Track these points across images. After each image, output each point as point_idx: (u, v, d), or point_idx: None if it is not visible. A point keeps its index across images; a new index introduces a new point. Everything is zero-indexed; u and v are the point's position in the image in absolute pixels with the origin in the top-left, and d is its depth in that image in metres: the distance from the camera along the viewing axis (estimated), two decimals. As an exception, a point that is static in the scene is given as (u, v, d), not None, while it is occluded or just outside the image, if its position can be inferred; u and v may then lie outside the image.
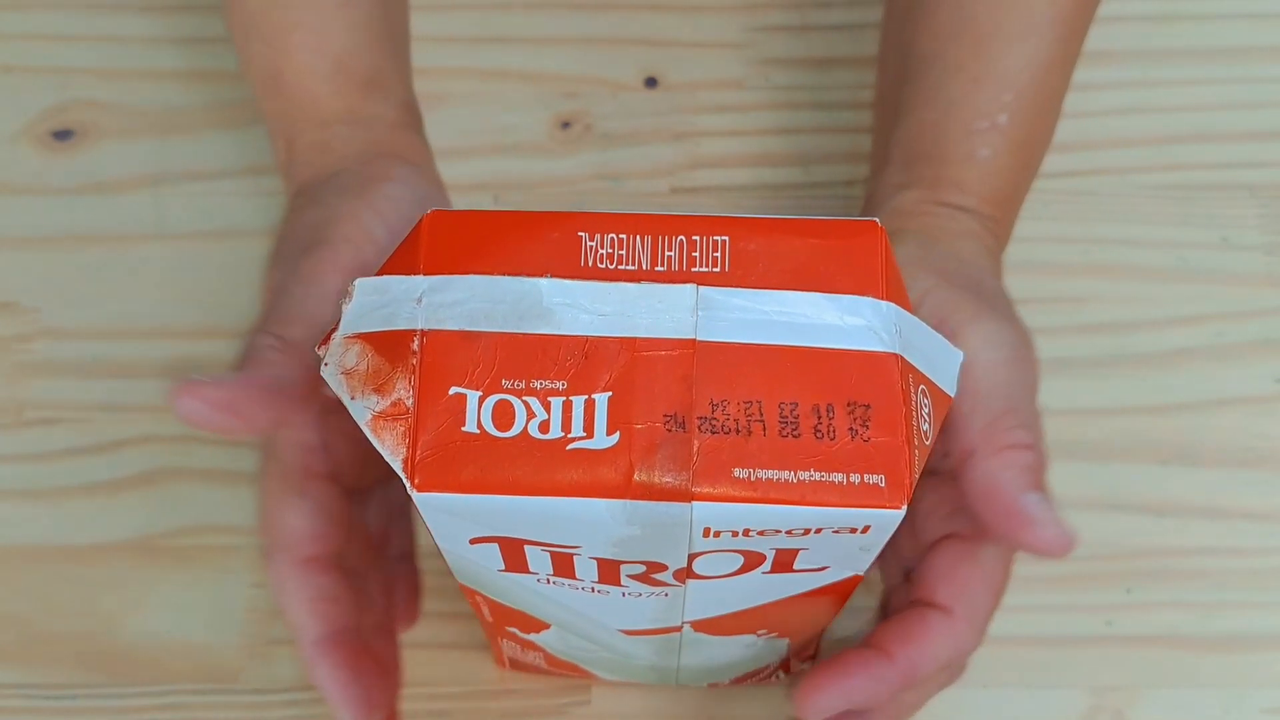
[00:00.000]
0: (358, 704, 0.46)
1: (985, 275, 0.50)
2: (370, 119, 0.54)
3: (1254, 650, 0.56)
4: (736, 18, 0.69)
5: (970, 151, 0.53)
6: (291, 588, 0.46)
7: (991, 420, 0.44)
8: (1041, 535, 0.43)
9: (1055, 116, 0.56)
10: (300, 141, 0.54)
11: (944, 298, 0.47)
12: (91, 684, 0.56)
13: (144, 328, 0.62)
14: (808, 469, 0.35)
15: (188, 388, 0.42)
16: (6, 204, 0.65)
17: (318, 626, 0.46)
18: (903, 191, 0.53)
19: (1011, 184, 0.54)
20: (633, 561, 0.39)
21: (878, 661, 0.46)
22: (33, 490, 0.59)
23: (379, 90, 0.55)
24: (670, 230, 0.37)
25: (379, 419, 0.36)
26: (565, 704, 0.56)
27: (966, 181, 0.52)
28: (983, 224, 0.52)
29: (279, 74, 0.54)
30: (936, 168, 0.53)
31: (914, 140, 0.54)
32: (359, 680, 0.47)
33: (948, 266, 0.49)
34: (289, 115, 0.54)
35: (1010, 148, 0.53)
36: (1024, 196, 0.55)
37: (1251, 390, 0.61)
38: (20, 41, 0.69)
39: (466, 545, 0.39)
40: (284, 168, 0.55)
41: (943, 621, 0.47)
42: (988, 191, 0.53)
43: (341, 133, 0.54)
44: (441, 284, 0.37)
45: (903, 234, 0.51)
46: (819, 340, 0.36)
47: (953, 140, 0.53)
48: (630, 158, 0.66)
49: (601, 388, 0.36)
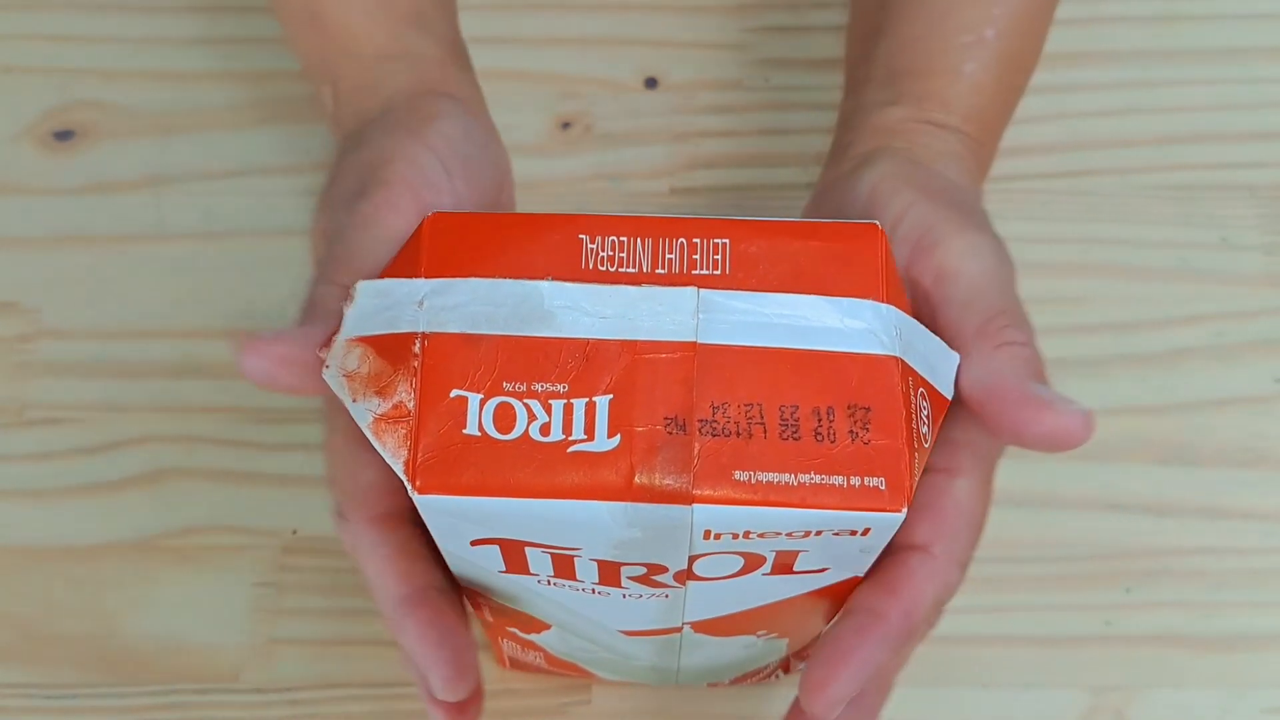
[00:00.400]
0: (451, 665, 0.43)
1: (967, 195, 0.49)
2: (416, 55, 0.52)
3: (1253, 650, 0.56)
4: (736, 18, 0.69)
5: (956, 65, 0.51)
6: (368, 545, 0.43)
7: (983, 323, 0.43)
8: (1059, 419, 0.41)
9: (1042, 38, 0.54)
10: (345, 84, 0.52)
11: (926, 211, 0.45)
12: (91, 684, 0.56)
13: (144, 328, 0.62)
14: (808, 471, 0.35)
15: (251, 344, 0.39)
16: (6, 204, 0.65)
17: (400, 585, 0.43)
18: (886, 108, 0.52)
19: (996, 104, 0.52)
20: (633, 563, 0.39)
21: (873, 626, 0.42)
22: (33, 490, 0.59)
23: (424, 25, 0.53)
24: (671, 233, 0.37)
25: (380, 421, 0.36)
26: (565, 704, 0.56)
27: (951, 98, 0.51)
28: (965, 145, 0.51)
29: (318, 12, 0.53)
30: (922, 82, 0.51)
31: (897, 56, 0.53)
32: (449, 640, 0.43)
33: (931, 184, 0.47)
34: (329, 56, 0.53)
35: (996, 64, 0.52)
36: (1007, 120, 0.54)
37: (1251, 390, 0.61)
38: (20, 41, 0.69)
39: (468, 547, 0.39)
40: (329, 113, 0.53)
41: (924, 563, 0.43)
42: (972, 110, 0.51)
43: (387, 69, 0.52)
44: (443, 287, 0.37)
45: (886, 151, 0.50)
46: (819, 343, 0.36)
47: (937, 55, 0.52)
48: (630, 158, 0.66)
49: (602, 390, 0.36)
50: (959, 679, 0.56)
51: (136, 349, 0.62)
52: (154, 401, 0.61)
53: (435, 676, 0.43)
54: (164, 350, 0.62)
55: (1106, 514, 0.58)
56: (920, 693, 0.56)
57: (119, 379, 0.61)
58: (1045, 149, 0.65)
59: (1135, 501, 0.59)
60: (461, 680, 0.43)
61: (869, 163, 0.49)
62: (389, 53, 0.52)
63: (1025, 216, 0.64)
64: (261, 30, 0.68)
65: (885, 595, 0.42)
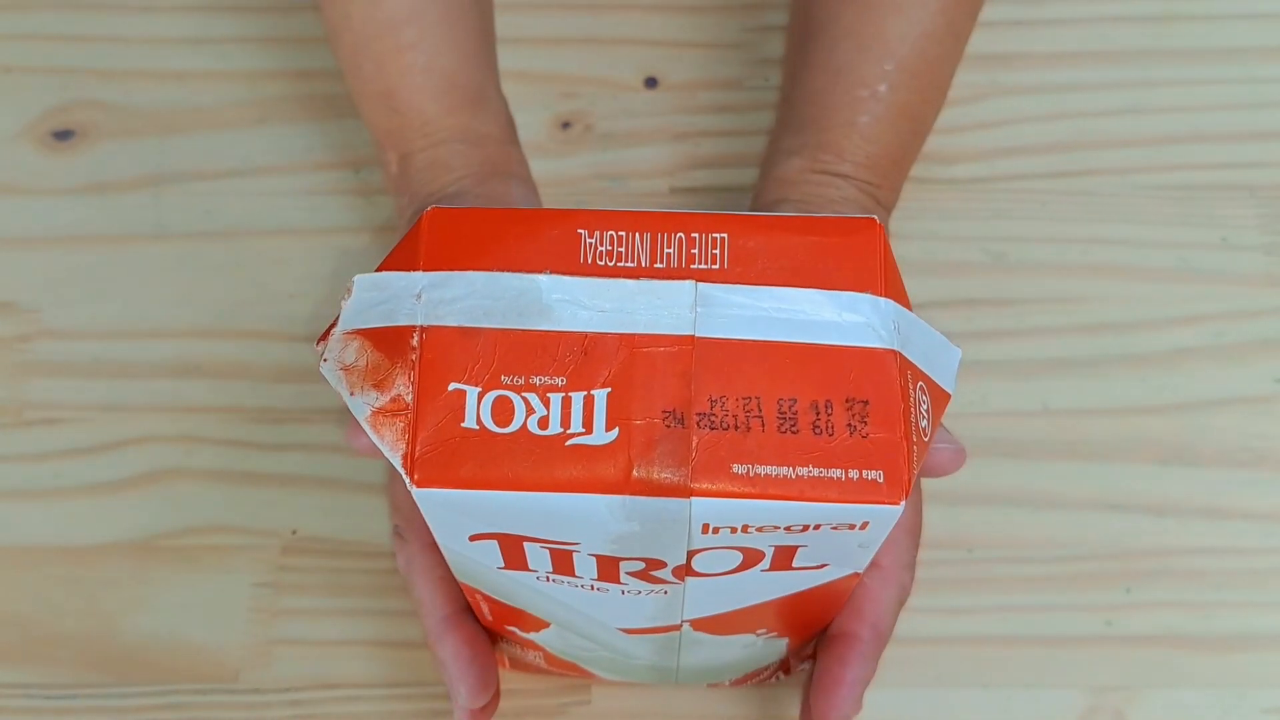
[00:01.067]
0: (477, 683, 0.49)
1: None
2: (482, 136, 0.56)
3: (1253, 650, 0.56)
4: (736, 18, 0.69)
5: (850, 119, 0.55)
6: (421, 567, 0.50)
7: None
8: None
9: (942, 89, 0.57)
10: (417, 159, 0.56)
11: None
12: (91, 684, 0.56)
13: (144, 328, 0.62)
14: (806, 465, 0.35)
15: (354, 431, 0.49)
16: (6, 204, 0.65)
17: (445, 606, 0.50)
18: (789, 158, 0.56)
19: (892, 151, 0.55)
20: (632, 558, 0.39)
21: (852, 648, 0.49)
22: (33, 490, 0.59)
23: (486, 106, 0.57)
24: (669, 227, 0.37)
25: (378, 415, 0.36)
26: (565, 704, 0.56)
27: (845, 148, 0.54)
28: (861, 189, 0.54)
29: (392, 94, 0.56)
30: (819, 134, 0.55)
31: (802, 106, 0.56)
32: (478, 659, 0.50)
33: None
34: (402, 133, 0.56)
35: (890, 116, 0.55)
36: (909, 164, 0.57)
37: (1251, 390, 0.61)
38: (20, 41, 0.69)
39: (466, 542, 0.39)
40: (395, 181, 0.57)
41: (877, 578, 0.49)
42: (865, 158, 0.54)
43: (457, 150, 0.55)
44: (441, 280, 0.37)
45: (784, 204, 0.54)
46: (817, 337, 0.36)
47: (835, 108, 0.55)
48: (630, 158, 0.66)
49: (600, 384, 0.36)
50: (959, 679, 0.56)
51: (136, 349, 0.62)
52: (154, 401, 0.61)
53: (465, 688, 0.49)
54: (164, 350, 0.62)
55: (1106, 514, 0.58)
56: (920, 693, 0.56)
57: (119, 379, 0.61)
58: (1045, 149, 0.65)
59: (1135, 501, 0.59)
60: (485, 692, 0.50)
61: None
62: (457, 133, 0.56)
63: (1025, 216, 0.64)
64: (261, 30, 0.69)
65: (852, 618, 0.49)
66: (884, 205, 0.56)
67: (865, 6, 0.55)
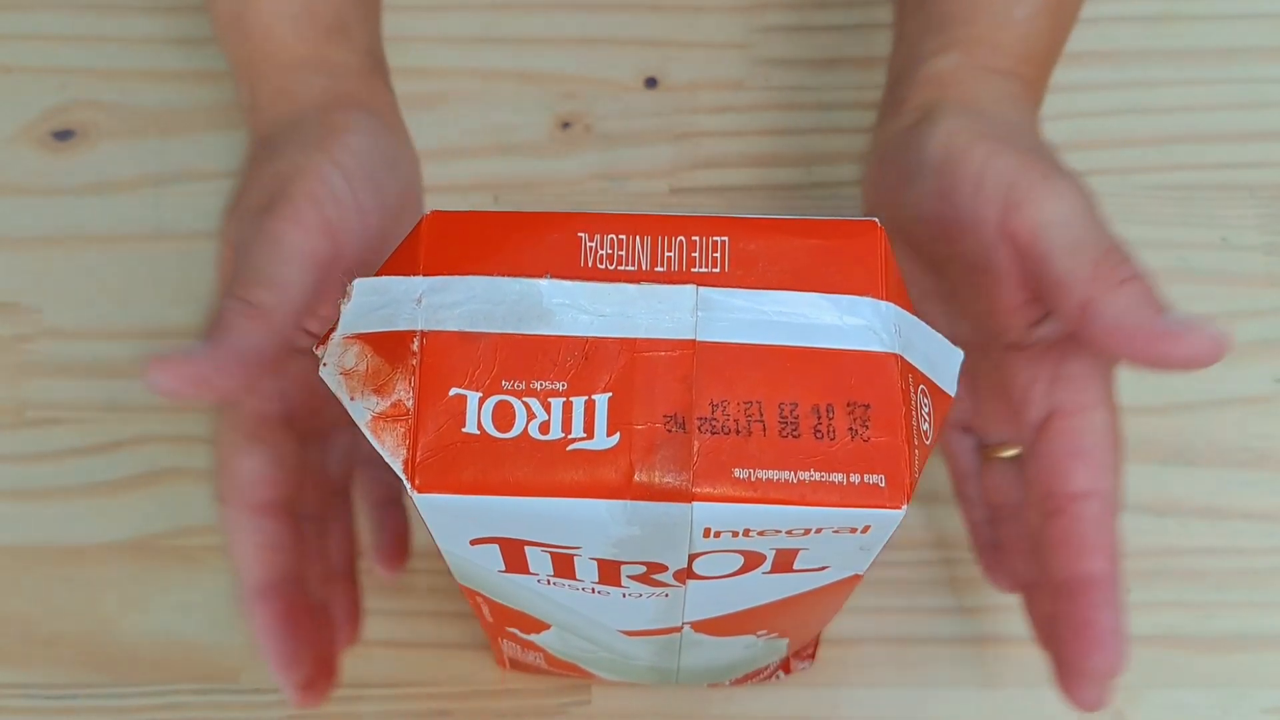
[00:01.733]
0: (284, 658, 0.47)
1: (1034, 138, 0.51)
2: (335, 64, 0.54)
3: (1253, 650, 0.56)
4: (736, 18, 0.69)
5: (1006, 12, 0.52)
6: (240, 533, 0.48)
7: (1095, 264, 0.45)
8: (1196, 344, 0.44)
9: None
10: (263, 87, 0.53)
11: (1006, 163, 0.47)
12: (91, 684, 0.56)
13: (144, 328, 0.62)
14: (808, 469, 0.35)
15: (159, 364, 0.42)
16: (6, 204, 0.65)
17: (261, 573, 0.47)
18: (939, 57, 0.53)
19: (1047, 44, 0.53)
20: (633, 562, 0.39)
21: (1099, 590, 0.47)
22: (33, 490, 0.59)
23: (344, 36, 0.54)
24: (670, 231, 0.37)
25: (379, 420, 0.36)
26: (565, 704, 0.56)
27: (1004, 43, 0.52)
28: (1022, 86, 0.52)
29: (242, 16, 0.54)
30: (973, 29, 0.52)
31: (947, 4, 0.53)
32: (292, 634, 0.48)
33: (1002, 134, 0.49)
34: (252, 60, 0.54)
35: (1046, 6, 0.53)
36: (1057, 59, 0.55)
37: (1251, 390, 0.61)
38: (20, 41, 0.69)
39: (467, 546, 0.39)
40: (248, 114, 0.54)
41: (1096, 507, 0.48)
42: (1025, 52, 0.53)
43: (304, 78, 0.53)
44: (441, 284, 0.37)
45: (947, 103, 0.51)
46: (819, 340, 0.36)
47: (986, 2, 0.53)
48: (630, 158, 0.66)
49: (601, 388, 0.36)
50: (959, 679, 0.56)
51: (135, 349, 0.62)
52: (154, 401, 0.61)
53: (271, 661, 0.47)
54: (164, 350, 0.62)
55: (1107, 514, 0.58)
56: (920, 693, 0.56)
57: (119, 379, 0.61)
58: (1045, 149, 0.65)
59: (1135, 501, 0.59)
60: (293, 671, 0.48)
61: (932, 117, 0.50)
62: (308, 61, 0.53)
63: (1025, 216, 0.64)
64: (261, 30, 0.68)
65: (1091, 556, 0.47)
66: (1037, 104, 0.54)
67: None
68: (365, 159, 0.49)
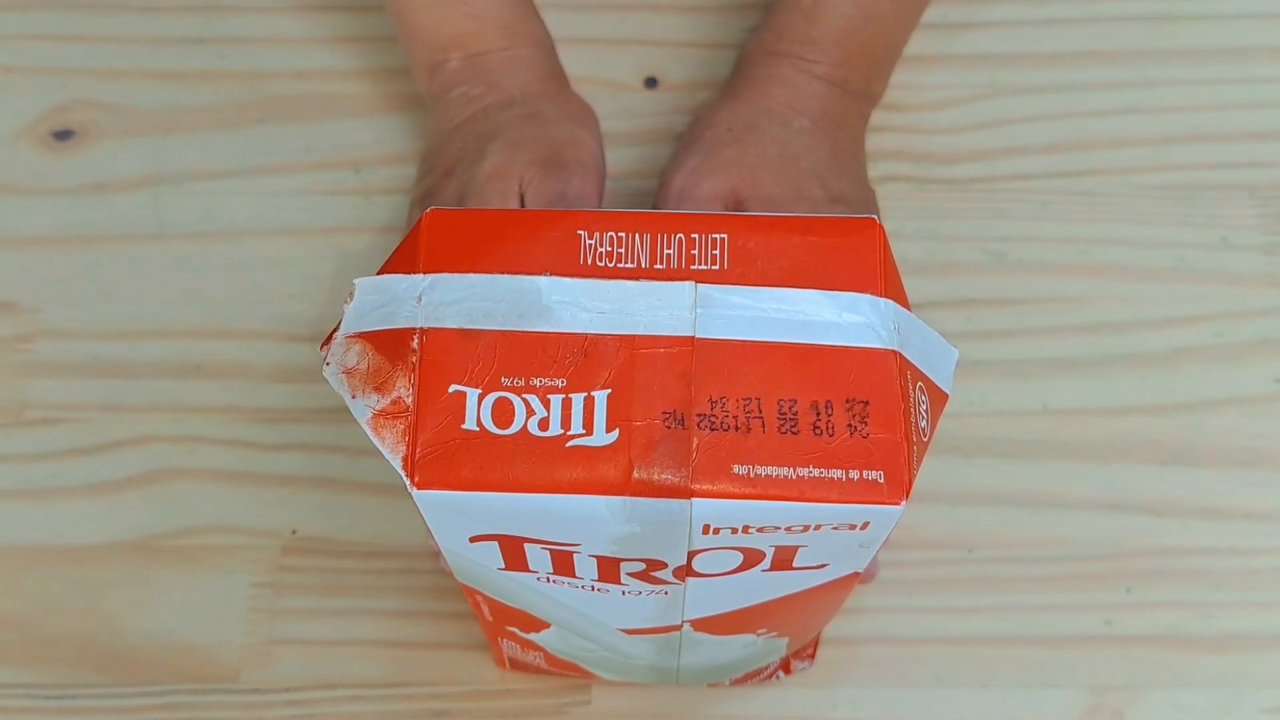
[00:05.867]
0: None
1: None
2: (548, 48, 0.62)
3: (1253, 650, 0.56)
4: (736, 18, 0.69)
5: (795, 2, 0.60)
6: None
7: None
8: None
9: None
10: (494, 56, 0.60)
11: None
12: (91, 684, 0.56)
13: (144, 328, 0.62)
14: (807, 465, 0.35)
15: None
16: (6, 204, 0.65)
17: None
18: (748, 43, 0.62)
19: (847, 35, 0.59)
20: (632, 559, 0.39)
21: None
22: (33, 490, 0.59)
23: (541, 23, 0.63)
24: (669, 228, 0.37)
25: (379, 417, 0.36)
26: (565, 704, 0.56)
27: (785, 27, 0.60)
28: (797, 68, 0.59)
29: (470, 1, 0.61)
30: (769, 17, 0.61)
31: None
32: None
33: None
34: (481, 34, 0.60)
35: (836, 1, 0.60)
36: (880, 53, 0.61)
37: (1251, 390, 0.61)
38: (20, 41, 0.69)
39: (466, 543, 0.39)
40: (452, 75, 0.60)
41: None
42: (804, 37, 0.59)
43: (534, 54, 0.61)
44: (441, 282, 0.37)
45: (735, 80, 0.61)
46: (817, 337, 0.36)
47: None
48: (630, 158, 0.66)
49: (601, 385, 0.36)
50: (959, 679, 0.56)
51: (136, 349, 0.62)
52: (154, 401, 0.61)
53: None
54: (164, 350, 0.62)
55: (1106, 514, 0.58)
56: (920, 693, 0.56)
57: (119, 379, 0.61)
58: (1046, 149, 0.65)
59: (1135, 501, 0.59)
60: None
61: None
62: (534, 41, 0.61)
63: (1025, 216, 0.64)
64: (261, 30, 0.69)
65: None
66: (849, 91, 0.60)
67: None
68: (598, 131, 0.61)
